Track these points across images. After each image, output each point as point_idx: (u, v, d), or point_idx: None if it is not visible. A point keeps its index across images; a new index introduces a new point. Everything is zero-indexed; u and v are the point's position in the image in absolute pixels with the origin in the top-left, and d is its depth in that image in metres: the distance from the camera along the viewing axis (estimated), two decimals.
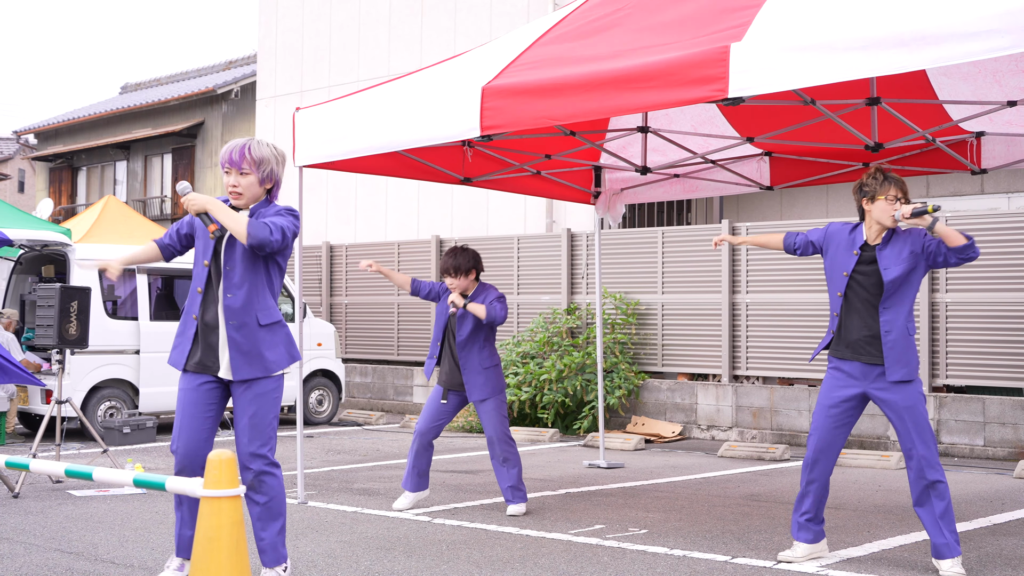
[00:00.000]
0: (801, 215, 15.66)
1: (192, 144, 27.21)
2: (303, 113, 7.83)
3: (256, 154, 5.09)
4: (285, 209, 5.13)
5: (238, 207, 5.15)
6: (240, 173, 5.08)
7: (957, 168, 9.08)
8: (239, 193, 5.11)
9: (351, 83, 18.12)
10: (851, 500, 8.20)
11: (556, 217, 15.57)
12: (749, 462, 10.49)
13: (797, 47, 5.28)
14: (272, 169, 5.15)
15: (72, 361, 11.57)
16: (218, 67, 30.82)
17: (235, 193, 5.12)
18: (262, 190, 5.16)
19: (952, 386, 11.17)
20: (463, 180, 9.32)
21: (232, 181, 5.10)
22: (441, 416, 7.59)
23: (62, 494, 8.28)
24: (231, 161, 5.09)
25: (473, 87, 6.50)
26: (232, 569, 3.56)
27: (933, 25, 4.93)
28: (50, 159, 31.10)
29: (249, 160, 5.07)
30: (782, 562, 6.01)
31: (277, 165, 5.18)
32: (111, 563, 6.03)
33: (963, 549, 6.40)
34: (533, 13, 15.52)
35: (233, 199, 5.14)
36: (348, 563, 6.02)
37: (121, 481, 3.92)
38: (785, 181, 9.80)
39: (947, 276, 11.02)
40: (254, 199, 5.15)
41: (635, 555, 6.25)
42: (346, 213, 18.26)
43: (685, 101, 5.66)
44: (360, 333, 16.21)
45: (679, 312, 12.86)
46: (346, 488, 8.71)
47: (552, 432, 12.30)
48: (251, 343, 5.06)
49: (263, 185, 5.15)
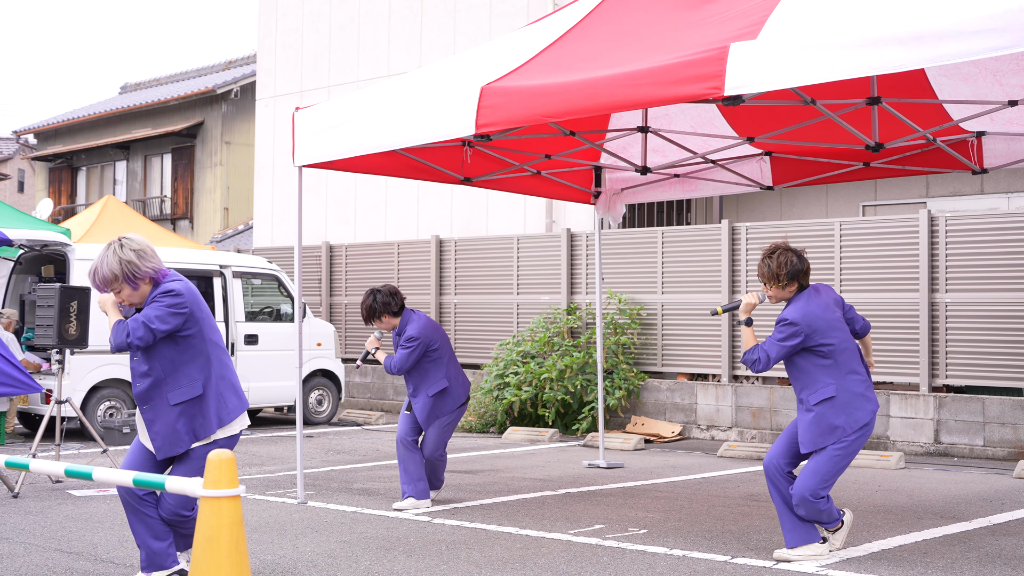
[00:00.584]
0: (801, 215, 15.65)
1: (192, 144, 27.21)
2: (303, 113, 7.83)
3: (103, 276, 5.16)
4: (161, 292, 5.19)
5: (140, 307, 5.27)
6: (114, 292, 5.22)
7: (958, 167, 9.07)
8: (131, 303, 5.25)
9: (351, 83, 18.12)
10: (851, 500, 8.20)
11: (556, 217, 15.57)
12: (749, 462, 10.49)
13: (795, 46, 5.28)
14: (129, 273, 5.16)
15: (72, 361, 11.57)
16: (218, 67, 30.81)
17: (129, 304, 5.26)
18: (144, 287, 5.22)
19: (952, 386, 11.16)
20: (463, 180, 9.32)
21: (117, 298, 5.24)
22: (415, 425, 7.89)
23: (62, 494, 8.28)
24: (97, 288, 5.25)
25: (472, 86, 6.51)
26: (232, 569, 3.56)
27: (932, 24, 4.93)
28: (50, 159, 31.10)
29: (103, 283, 5.18)
30: (781, 561, 6.01)
31: (134, 267, 5.16)
32: (111, 563, 6.03)
33: (963, 549, 6.41)
34: (533, 13, 15.52)
35: (129, 307, 5.29)
36: (348, 563, 6.02)
37: (120, 481, 3.92)
38: (786, 181, 9.79)
39: (947, 276, 11.02)
40: (142, 297, 5.23)
41: (635, 555, 6.25)
42: (346, 213, 18.26)
43: (681, 98, 5.65)
44: (360, 333, 16.20)
45: (679, 312, 12.86)
46: (346, 488, 8.71)
47: (552, 432, 12.30)
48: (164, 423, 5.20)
49: (138, 286, 5.19)
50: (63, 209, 29.94)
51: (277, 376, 13.02)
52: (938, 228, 11.14)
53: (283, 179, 19.30)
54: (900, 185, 14.84)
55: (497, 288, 14.34)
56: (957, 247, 11.03)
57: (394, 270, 15.80)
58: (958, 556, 6.21)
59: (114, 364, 11.89)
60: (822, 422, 5.90)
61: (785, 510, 6.04)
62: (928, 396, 11.00)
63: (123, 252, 5.16)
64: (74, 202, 30.53)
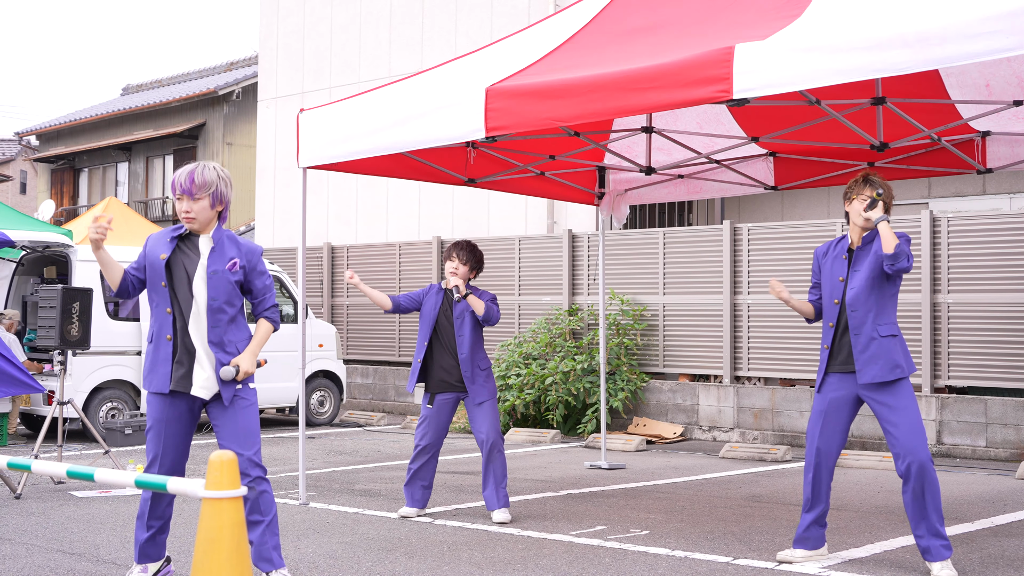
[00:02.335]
0: (803, 216, 15.65)
1: (194, 145, 27.23)
2: (307, 115, 7.82)
3: (202, 179, 5.22)
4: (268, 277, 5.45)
5: (193, 231, 5.29)
6: (192, 199, 5.21)
7: (962, 167, 9.05)
8: (192, 218, 5.24)
9: (352, 84, 18.12)
10: (853, 501, 8.19)
11: (557, 218, 15.57)
12: (751, 463, 10.48)
13: (801, 48, 5.28)
14: (221, 191, 5.28)
15: (74, 362, 11.57)
16: (219, 68, 30.83)
17: (188, 218, 5.25)
18: (214, 213, 5.30)
19: (954, 387, 11.15)
20: (467, 181, 9.31)
21: (184, 207, 5.23)
22: (446, 426, 7.40)
23: (64, 495, 8.28)
24: (182, 188, 5.22)
25: (477, 88, 6.50)
26: (233, 570, 3.55)
27: (937, 26, 4.93)
28: (52, 160, 31.12)
29: (198, 185, 5.21)
30: (783, 563, 6.00)
31: (225, 187, 5.31)
32: (112, 564, 6.02)
33: (965, 550, 6.39)
34: (534, 13, 15.52)
35: (187, 224, 5.27)
36: (349, 564, 6.01)
37: (123, 482, 3.91)
38: (789, 181, 9.78)
39: (949, 277, 11.01)
40: (207, 222, 5.29)
41: (636, 556, 6.24)
42: (347, 214, 18.25)
43: (690, 102, 5.66)
44: (361, 334, 16.20)
45: (680, 313, 12.85)
46: (347, 489, 8.70)
47: (554, 433, 12.29)
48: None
49: (214, 208, 5.28)
50: (65, 210, 29.96)
51: (279, 377, 13.01)
52: (940, 228, 11.13)
53: (284, 180, 19.30)
54: (902, 186, 14.82)
55: (498, 289, 14.32)
56: (959, 248, 11.02)
57: (396, 271, 15.80)
58: (960, 557, 6.19)
59: (116, 365, 11.89)
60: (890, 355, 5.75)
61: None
62: (930, 397, 10.99)
63: (221, 171, 5.29)
64: (76, 203, 30.55)
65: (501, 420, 12.95)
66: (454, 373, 7.34)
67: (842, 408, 5.93)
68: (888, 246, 5.61)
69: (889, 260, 5.63)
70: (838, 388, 5.92)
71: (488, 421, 7.29)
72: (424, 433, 7.35)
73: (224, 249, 5.28)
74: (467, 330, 7.33)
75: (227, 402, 5.21)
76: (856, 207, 5.87)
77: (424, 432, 7.35)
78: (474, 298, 7.27)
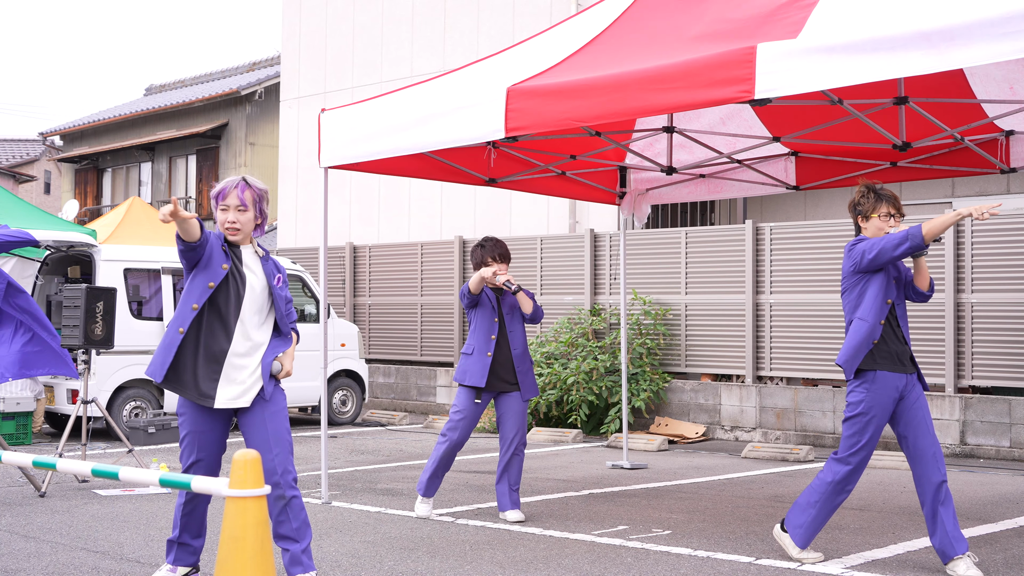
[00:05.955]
0: (825, 215, 15.58)
1: (216, 145, 27.31)
2: (329, 115, 7.85)
3: (252, 192, 5.30)
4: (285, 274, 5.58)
5: (235, 242, 5.33)
6: (239, 209, 5.27)
7: (985, 167, 9.00)
8: (237, 229, 5.29)
9: (374, 84, 18.15)
10: (876, 501, 8.16)
11: (579, 218, 15.56)
12: (773, 463, 10.45)
13: (824, 48, 5.26)
14: (264, 206, 5.38)
15: (98, 361, 11.64)
16: (242, 68, 30.91)
17: (233, 229, 5.29)
18: (256, 223, 5.38)
19: (978, 387, 11.09)
20: (488, 181, 9.32)
21: (231, 218, 5.28)
22: (476, 422, 7.38)
23: (88, 493, 8.33)
24: (238, 198, 5.26)
25: (498, 89, 6.51)
26: (257, 569, 3.56)
27: (961, 26, 4.91)
28: (75, 160, 31.28)
29: (249, 198, 5.28)
30: (806, 563, 5.99)
31: (266, 203, 5.41)
32: (136, 562, 6.06)
33: (989, 551, 6.36)
34: (556, 14, 15.51)
35: (231, 235, 5.30)
36: (372, 563, 6.03)
37: (147, 481, 3.93)
38: (811, 181, 9.75)
39: (972, 277, 10.95)
40: (248, 234, 5.35)
41: (658, 556, 6.24)
42: (369, 214, 18.29)
43: (712, 102, 5.65)
44: (383, 333, 16.24)
45: (703, 313, 12.82)
46: (370, 488, 8.72)
47: (575, 433, 12.29)
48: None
49: (255, 220, 5.36)
50: (88, 210, 30.11)
51: (301, 376, 13.04)
52: (964, 228, 11.07)
53: (307, 180, 19.35)
54: (925, 186, 14.74)
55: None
56: (983, 247, 10.96)
57: (418, 270, 15.82)
58: (984, 558, 6.17)
59: (139, 365, 11.94)
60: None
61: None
62: (954, 397, 10.94)
63: (261, 184, 5.37)
64: (100, 203, 30.70)
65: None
66: (507, 368, 7.30)
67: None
68: (926, 283, 6.10)
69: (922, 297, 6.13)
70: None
71: (523, 419, 7.32)
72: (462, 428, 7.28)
73: (270, 265, 5.40)
74: (518, 325, 7.36)
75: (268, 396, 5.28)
76: (877, 225, 5.97)
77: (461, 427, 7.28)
78: (524, 296, 7.30)
